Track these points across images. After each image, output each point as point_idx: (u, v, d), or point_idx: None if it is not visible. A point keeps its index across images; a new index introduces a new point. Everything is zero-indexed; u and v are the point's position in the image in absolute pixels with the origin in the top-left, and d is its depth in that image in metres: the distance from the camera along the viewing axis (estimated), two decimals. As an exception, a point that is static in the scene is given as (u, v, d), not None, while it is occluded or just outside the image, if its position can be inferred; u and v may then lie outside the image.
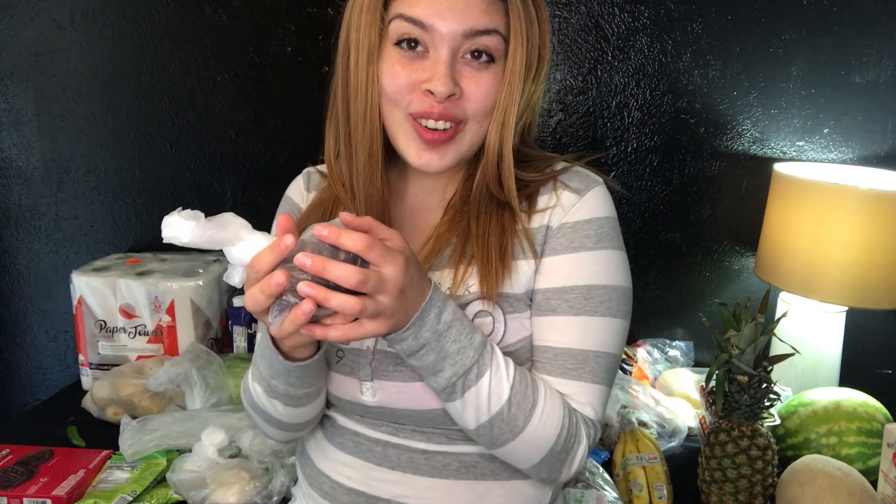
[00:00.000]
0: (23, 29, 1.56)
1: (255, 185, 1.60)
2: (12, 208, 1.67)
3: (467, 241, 0.83)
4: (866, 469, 1.11)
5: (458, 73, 0.76)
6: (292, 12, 1.50)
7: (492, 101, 0.78)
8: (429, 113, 0.76)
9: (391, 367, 0.82)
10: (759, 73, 1.42)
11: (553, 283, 0.81)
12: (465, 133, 0.79)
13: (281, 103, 1.55)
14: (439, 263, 0.83)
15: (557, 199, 0.83)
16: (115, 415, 1.27)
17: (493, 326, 0.81)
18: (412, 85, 0.76)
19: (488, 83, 0.77)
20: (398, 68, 0.76)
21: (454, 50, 0.75)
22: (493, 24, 0.75)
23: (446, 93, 0.74)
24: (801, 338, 1.30)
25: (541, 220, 0.83)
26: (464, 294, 0.81)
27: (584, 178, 0.85)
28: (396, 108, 0.78)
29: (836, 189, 1.18)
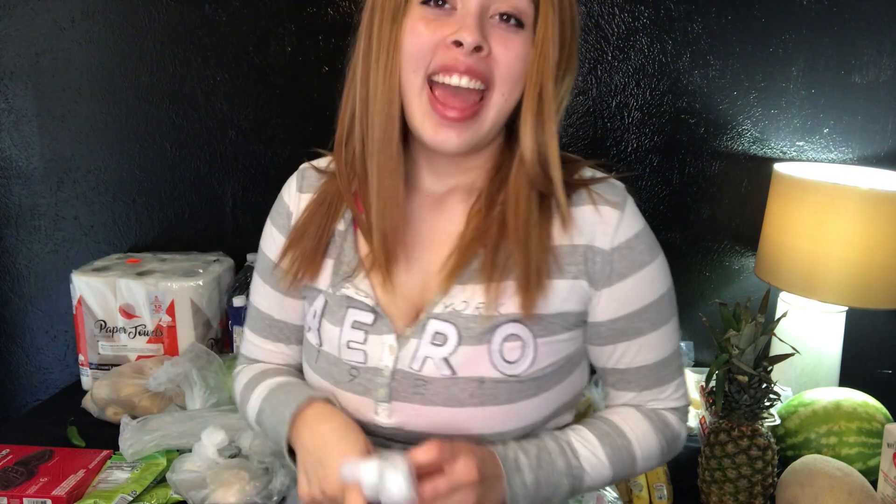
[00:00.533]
0: (23, 29, 1.56)
1: (255, 185, 1.60)
2: (12, 208, 1.67)
3: (497, 252, 0.77)
4: (866, 469, 1.11)
5: (487, 32, 0.71)
6: (292, 12, 1.50)
7: (520, 68, 0.72)
8: (453, 66, 0.70)
9: (411, 389, 0.78)
10: (759, 73, 1.42)
11: (633, 306, 0.80)
12: (488, 108, 0.73)
13: (281, 103, 1.55)
14: (466, 277, 0.78)
15: (600, 215, 0.78)
16: (115, 415, 1.27)
17: (521, 352, 0.77)
18: (436, 41, 0.71)
19: (518, 46, 0.72)
20: (422, 25, 0.71)
21: (483, 6, 0.71)
22: None
23: (474, 42, 0.69)
24: (801, 338, 1.30)
25: (582, 238, 0.78)
26: (495, 314, 0.77)
27: (617, 190, 0.81)
28: (416, 73, 0.72)
29: (836, 189, 1.18)
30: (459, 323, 0.78)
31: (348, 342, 0.81)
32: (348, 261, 0.83)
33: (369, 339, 0.80)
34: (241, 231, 1.62)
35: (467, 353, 0.77)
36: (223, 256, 1.57)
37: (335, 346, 0.82)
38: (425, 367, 0.78)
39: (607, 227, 0.78)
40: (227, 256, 1.58)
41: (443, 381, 0.77)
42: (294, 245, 0.85)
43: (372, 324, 0.80)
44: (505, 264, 0.77)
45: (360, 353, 0.80)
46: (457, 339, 0.77)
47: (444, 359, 0.77)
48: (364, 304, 0.81)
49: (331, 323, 0.82)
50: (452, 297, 0.78)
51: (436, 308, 0.79)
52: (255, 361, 0.96)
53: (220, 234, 1.63)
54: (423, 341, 0.78)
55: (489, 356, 0.77)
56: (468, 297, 0.78)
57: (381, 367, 0.79)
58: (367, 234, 0.81)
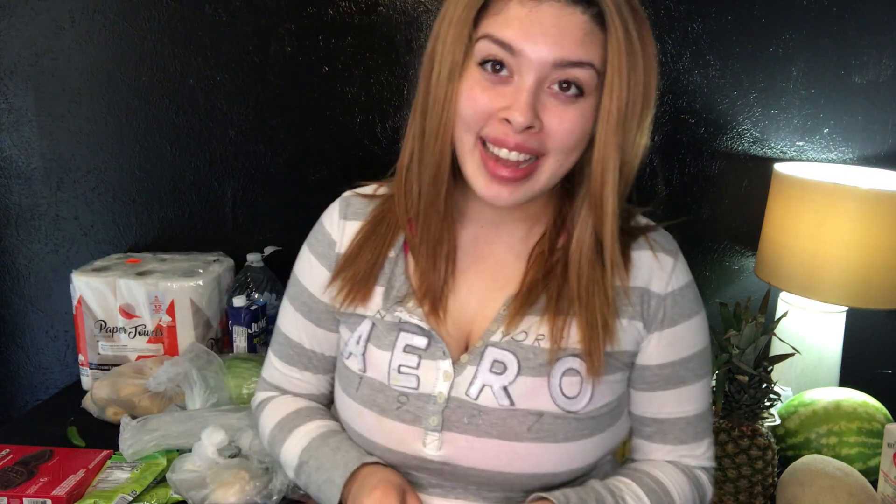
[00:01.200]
0: (23, 29, 1.56)
1: (255, 185, 1.60)
2: (12, 208, 1.67)
3: (561, 295, 0.77)
4: (866, 469, 1.11)
5: (540, 105, 0.69)
6: (292, 12, 1.50)
7: (575, 139, 0.71)
8: (503, 141, 0.70)
9: (465, 419, 0.76)
10: (759, 73, 1.42)
11: (679, 354, 0.81)
12: (541, 171, 0.72)
13: (281, 103, 1.55)
14: (531, 311, 0.78)
15: (658, 261, 0.80)
16: (115, 415, 1.27)
17: (580, 388, 0.77)
18: (490, 111, 0.70)
19: (572, 120, 0.70)
20: (478, 91, 0.70)
21: (540, 79, 0.68)
22: (588, 56, 0.68)
23: (524, 124, 0.68)
24: (801, 338, 1.30)
25: (639, 281, 0.79)
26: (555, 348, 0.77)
27: (670, 239, 0.84)
28: (468, 133, 0.72)
29: (836, 189, 1.18)
30: (519, 353, 0.77)
31: (399, 367, 0.79)
32: (399, 286, 0.81)
33: (423, 364, 0.78)
34: (241, 231, 1.63)
35: (527, 384, 0.76)
36: (223, 256, 1.57)
37: (383, 372, 0.79)
38: (482, 396, 0.76)
39: (663, 273, 0.80)
40: (227, 256, 1.58)
41: (500, 412, 0.75)
42: (345, 269, 0.83)
43: (425, 348, 0.79)
44: (568, 308, 0.77)
45: (412, 378, 0.78)
46: (517, 368, 0.76)
47: (503, 388, 0.76)
48: (417, 328, 0.79)
49: (378, 348, 0.80)
50: (511, 328, 0.78)
51: (493, 336, 0.78)
52: (277, 388, 0.94)
53: (220, 234, 1.63)
54: (482, 369, 0.77)
55: (549, 389, 0.76)
56: (527, 329, 0.77)
57: (435, 393, 0.77)
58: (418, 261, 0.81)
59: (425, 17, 1.47)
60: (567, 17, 0.67)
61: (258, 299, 1.49)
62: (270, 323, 1.50)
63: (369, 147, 1.54)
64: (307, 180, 1.58)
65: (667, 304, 0.80)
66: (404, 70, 1.50)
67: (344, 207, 0.88)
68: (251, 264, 1.51)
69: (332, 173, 1.57)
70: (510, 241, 0.82)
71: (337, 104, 1.53)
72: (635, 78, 0.70)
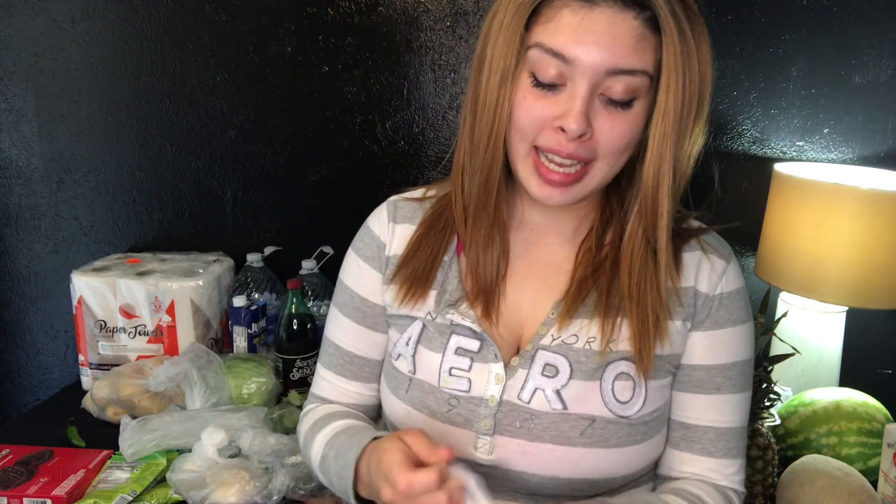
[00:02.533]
0: (23, 29, 1.56)
1: (255, 185, 1.60)
2: (12, 208, 1.67)
3: (611, 292, 0.77)
4: (866, 469, 1.11)
5: (592, 112, 0.69)
6: (292, 12, 1.50)
7: (625, 143, 0.71)
8: (557, 150, 0.70)
9: (517, 423, 0.75)
10: (759, 73, 1.42)
11: (717, 359, 0.79)
12: (592, 175, 0.73)
13: (281, 103, 1.55)
14: (581, 312, 0.78)
15: (710, 262, 0.80)
16: (115, 415, 1.27)
17: (633, 392, 0.76)
18: (544, 120, 0.70)
19: (624, 126, 0.70)
20: (531, 100, 0.70)
21: (593, 86, 0.68)
22: (641, 63, 0.68)
23: (578, 131, 0.68)
24: (801, 338, 1.30)
25: (688, 280, 0.79)
26: (606, 350, 0.76)
27: (724, 243, 0.83)
28: (522, 142, 0.72)
29: (836, 189, 1.18)
30: (570, 356, 0.76)
31: (451, 369, 0.78)
32: (452, 289, 0.81)
33: (474, 367, 0.78)
34: (241, 231, 1.62)
35: (579, 388, 0.75)
36: (223, 256, 1.57)
37: (433, 374, 0.79)
38: (535, 400, 0.75)
39: (713, 275, 0.79)
40: (227, 256, 1.58)
41: (552, 416, 0.75)
42: (404, 268, 0.83)
43: (478, 351, 0.78)
44: (619, 305, 0.76)
45: (463, 380, 0.78)
46: (569, 372, 0.76)
47: (556, 391, 0.75)
48: (469, 330, 0.79)
49: (429, 349, 0.80)
50: (561, 330, 0.77)
51: (543, 339, 0.77)
52: (326, 401, 0.92)
53: (220, 234, 1.63)
54: (533, 372, 0.76)
55: (601, 394, 0.75)
56: (578, 331, 0.77)
57: (487, 396, 0.76)
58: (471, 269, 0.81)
59: (425, 17, 1.47)
60: (620, 24, 0.66)
61: (258, 299, 1.49)
62: (270, 323, 1.50)
63: (369, 147, 1.54)
64: (307, 180, 1.58)
65: (713, 305, 0.78)
66: (404, 70, 1.50)
67: (392, 210, 0.87)
68: (251, 264, 1.51)
69: (332, 173, 1.57)
70: (559, 241, 0.82)
71: (337, 104, 1.53)
72: (691, 76, 0.69)
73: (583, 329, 0.77)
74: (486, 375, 0.77)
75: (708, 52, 0.71)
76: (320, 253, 1.53)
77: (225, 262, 1.54)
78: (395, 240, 0.86)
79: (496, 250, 0.79)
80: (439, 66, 1.49)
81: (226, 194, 1.61)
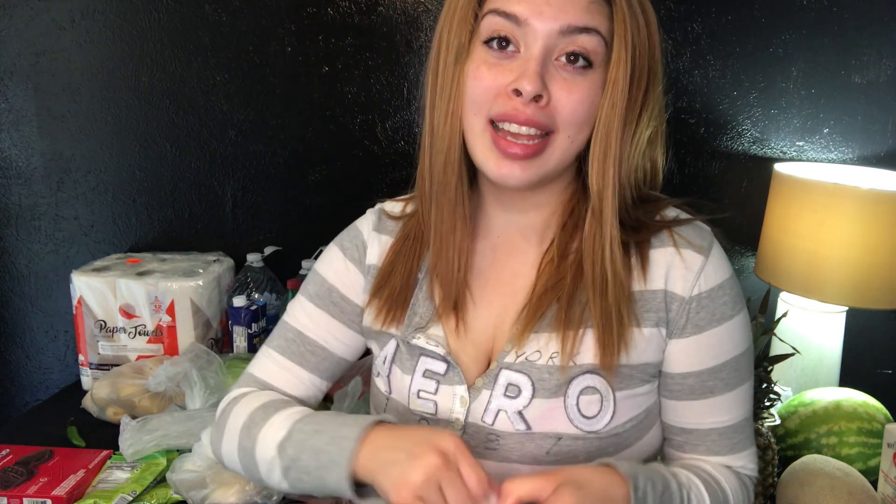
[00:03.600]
0: (23, 29, 1.56)
1: (255, 185, 1.60)
2: (12, 208, 1.67)
3: (571, 303, 0.74)
4: (866, 469, 1.11)
5: (549, 77, 0.68)
6: (292, 12, 1.50)
7: (584, 112, 0.69)
8: (512, 115, 0.68)
9: (483, 444, 0.74)
10: (759, 73, 1.42)
11: (705, 363, 0.75)
12: (552, 148, 0.70)
13: (281, 103, 1.55)
14: (539, 327, 0.75)
15: (681, 258, 0.74)
16: (115, 415, 1.27)
17: (600, 406, 0.73)
18: (498, 88, 0.69)
19: (582, 91, 0.68)
20: (484, 69, 0.69)
21: (548, 49, 0.67)
22: (594, 22, 0.68)
23: (533, 92, 0.66)
24: (801, 338, 1.30)
25: (657, 282, 0.74)
26: (569, 365, 0.73)
27: (703, 233, 0.76)
28: (477, 116, 0.71)
29: (836, 189, 1.18)
30: (533, 374, 0.74)
31: (419, 391, 0.78)
32: (422, 312, 0.80)
33: (441, 389, 0.77)
34: (241, 231, 1.63)
35: (542, 407, 0.73)
36: (223, 256, 1.57)
37: (404, 396, 0.79)
38: (498, 421, 0.74)
39: (688, 273, 0.73)
40: (227, 256, 1.58)
41: (517, 437, 0.74)
42: (382, 289, 0.82)
43: (444, 374, 0.78)
44: (581, 315, 0.73)
45: (430, 403, 0.78)
46: (531, 391, 0.74)
47: (518, 412, 0.74)
48: (436, 354, 0.78)
49: (401, 370, 0.80)
50: (525, 347, 0.75)
51: (507, 357, 0.76)
52: (267, 386, 0.86)
53: (220, 234, 1.63)
54: (496, 393, 0.75)
55: (565, 411, 0.73)
56: (541, 347, 0.74)
57: (452, 419, 0.76)
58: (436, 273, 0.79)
59: (425, 17, 1.47)
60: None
61: (258, 299, 1.49)
62: (270, 323, 1.50)
63: (369, 147, 1.54)
64: (307, 180, 1.58)
65: (691, 308, 0.74)
66: (404, 70, 1.50)
67: (377, 221, 0.87)
68: (251, 264, 1.51)
69: (332, 173, 1.57)
70: (525, 247, 0.80)
71: (337, 104, 1.53)
72: (641, 48, 0.70)
73: (547, 344, 0.74)
74: (452, 398, 0.77)
75: (656, 25, 0.72)
76: (320, 253, 1.52)
77: (225, 262, 1.54)
78: (376, 250, 0.85)
79: (458, 236, 0.77)
80: (439, 66, 1.49)
81: (226, 194, 1.61)
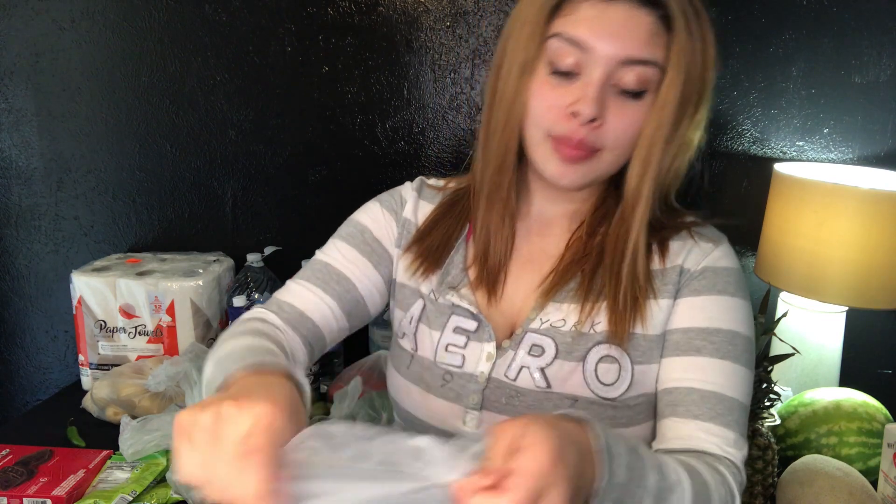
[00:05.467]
0: (23, 29, 1.56)
1: (255, 185, 1.60)
2: (12, 208, 1.67)
3: (594, 276, 0.80)
4: (866, 469, 1.11)
5: (605, 101, 0.73)
6: (292, 12, 1.50)
7: (632, 134, 0.75)
8: (568, 139, 0.74)
9: (504, 399, 0.79)
10: (759, 73, 1.42)
11: (697, 322, 0.78)
12: (600, 160, 0.76)
13: (281, 103, 1.55)
14: (562, 296, 0.81)
15: (695, 243, 0.82)
16: (115, 415, 1.27)
17: (618, 375, 0.77)
18: (558, 108, 0.74)
19: (632, 115, 0.74)
20: (547, 89, 0.74)
21: (607, 75, 0.72)
22: (653, 55, 0.72)
23: (590, 115, 0.71)
24: (802, 338, 1.30)
25: (675, 261, 0.81)
26: (589, 332, 0.78)
27: (717, 233, 0.85)
28: (537, 128, 0.76)
29: (836, 189, 1.18)
30: (557, 337, 0.79)
31: (447, 345, 0.82)
32: (455, 273, 0.85)
33: (470, 345, 0.82)
34: (241, 231, 1.63)
35: (563, 368, 0.78)
36: (223, 256, 1.57)
37: (431, 350, 0.83)
38: (520, 377, 0.79)
39: (700, 255, 0.81)
40: (227, 256, 1.58)
41: (536, 395, 0.78)
42: (419, 242, 0.87)
43: (475, 330, 0.82)
44: (601, 289, 0.79)
45: (458, 356, 0.81)
46: (554, 351, 0.79)
47: (540, 369, 0.79)
48: (468, 312, 0.83)
49: (429, 327, 0.84)
50: (549, 314, 0.80)
51: (532, 323, 0.81)
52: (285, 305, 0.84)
53: (220, 234, 1.63)
54: (520, 352, 0.79)
55: (583, 375, 0.77)
56: (565, 316, 0.80)
57: (477, 373, 0.80)
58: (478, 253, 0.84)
59: (425, 17, 1.47)
60: (635, 19, 0.71)
61: (258, 299, 1.49)
62: (270, 323, 1.50)
63: (369, 147, 1.54)
64: (307, 180, 1.58)
65: (694, 276, 0.80)
66: (404, 70, 1.50)
67: (419, 187, 0.93)
68: (251, 264, 1.51)
69: (332, 173, 1.57)
70: (558, 232, 0.85)
71: (337, 104, 1.53)
72: (693, 71, 0.73)
73: (570, 313, 0.79)
74: (479, 353, 0.81)
75: (713, 55, 0.75)
76: (320, 253, 1.53)
77: (225, 262, 1.54)
78: (416, 210, 0.90)
79: (506, 232, 0.83)
80: (439, 66, 1.49)
81: (226, 194, 1.61)
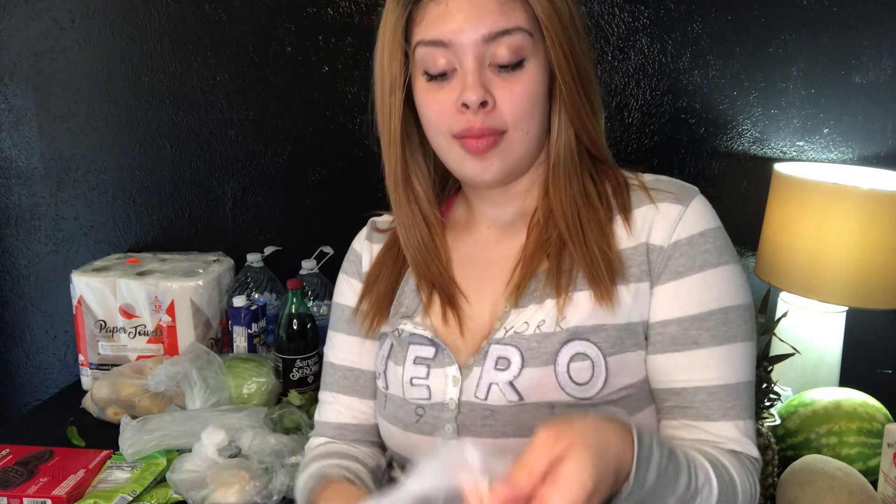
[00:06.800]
0: (23, 29, 1.56)
1: (255, 185, 1.60)
2: (12, 208, 1.67)
3: (562, 252, 0.76)
4: (866, 469, 1.11)
5: (489, 83, 0.72)
6: (292, 12, 1.50)
7: (528, 105, 0.73)
8: (469, 130, 0.73)
9: (479, 421, 0.75)
10: (759, 73, 1.42)
11: (687, 310, 0.73)
12: (510, 140, 0.74)
13: (281, 103, 1.55)
14: (527, 299, 0.76)
15: (658, 210, 0.75)
16: (115, 415, 1.27)
17: (591, 373, 0.72)
18: (448, 107, 0.74)
19: (521, 86, 0.73)
20: (431, 95, 0.75)
21: (479, 58, 0.72)
22: (514, 22, 0.71)
23: (477, 100, 0.71)
24: (801, 338, 1.30)
25: (641, 236, 0.75)
26: (555, 331, 0.74)
27: (678, 185, 0.78)
28: (441, 135, 0.76)
29: (836, 189, 1.18)
30: (521, 344, 0.75)
31: (411, 379, 0.79)
32: (408, 303, 0.84)
33: (431, 373, 0.79)
34: (241, 231, 1.63)
35: (533, 376, 0.73)
36: (223, 256, 1.57)
37: (399, 387, 0.81)
38: (491, 395, 0.75)
39: (665, 223, 0.74)
40: (227, 256, 1.58)
41: (510, 409, 0.74)
42: (369, 291, 0.87)
43: (433, 357, 0.79)
44: (570, 273, 0.75)
45: (423, 388, 0.79)
46: (520, 361, 0.74)
47: (509, 383, 0.74)
48: (423, 338, 0.80)
49: (395, 363, 0.82)
50: (512, 321, 0.76)
51: (497, 333, 0.77)
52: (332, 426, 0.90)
53: (220, 234, 1.63)
54: (486, 368, 0.75)
55: (556, 378, 0.73)
56: (528, 318, 0.76)
57: (446, 400, 0.77)
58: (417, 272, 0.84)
59: (425, 17, 1.47)
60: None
61: (258, 299, 1.49)
62: (270, 323, 1.50)
63: (369, 147, 1.54)
64: (307, 180, 1.58)
65: (669, 255, 0.74)
66: (404, 70, 1.50)
67: (368, 232, 0.94)
68: (251, 264, 1.51)
69: (332, 173, 1.57)
70: (514, 233, 0.82)
71: (337, 104, 1.53)
72: (565, 17, 0.74)
73: (535, 314, 0.75)
74: (444, 380, 0.78)
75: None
76: (320, 253, 1.53)
77: (225, 262, 1.54)
78: (368, 257, 0.91)
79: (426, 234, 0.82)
80: (439, 66, 1.49)
81: (226, 194, 1.61)
